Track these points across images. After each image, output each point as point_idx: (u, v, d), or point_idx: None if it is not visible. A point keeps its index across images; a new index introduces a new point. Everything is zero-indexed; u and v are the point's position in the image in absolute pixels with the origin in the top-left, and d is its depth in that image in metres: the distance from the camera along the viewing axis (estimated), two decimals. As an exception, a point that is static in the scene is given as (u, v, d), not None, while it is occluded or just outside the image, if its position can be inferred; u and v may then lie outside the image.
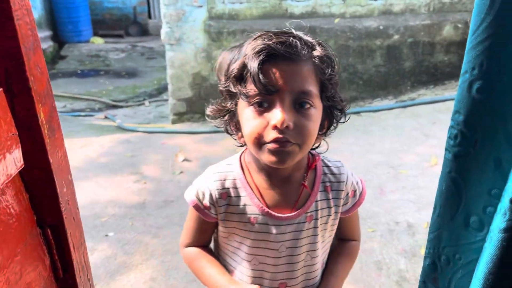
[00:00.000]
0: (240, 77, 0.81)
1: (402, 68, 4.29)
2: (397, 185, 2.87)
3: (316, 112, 0.82)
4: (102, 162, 3.37)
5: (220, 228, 0.96)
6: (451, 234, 0.52)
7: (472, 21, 0.44)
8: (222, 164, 0.96)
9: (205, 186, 0.93)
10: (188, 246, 1.02)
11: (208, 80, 4.02)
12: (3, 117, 0.51)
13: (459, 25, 4.21)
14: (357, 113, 4.02)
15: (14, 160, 0.53)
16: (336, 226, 0.98)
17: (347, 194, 0.95)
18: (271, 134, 0.78)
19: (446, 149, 0.52)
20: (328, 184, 0.93)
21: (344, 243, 1.05)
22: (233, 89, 0.83)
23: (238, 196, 0.91)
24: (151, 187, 2.99)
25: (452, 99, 3.92)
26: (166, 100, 5.04)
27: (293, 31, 0.84)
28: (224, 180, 0.92)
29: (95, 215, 2.69)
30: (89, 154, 3.51)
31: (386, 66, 4.26)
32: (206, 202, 0.92)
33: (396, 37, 4.16)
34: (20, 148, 0.55)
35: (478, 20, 0.42)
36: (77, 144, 3.71)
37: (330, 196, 0.93)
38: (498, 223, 0.44)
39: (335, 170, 0.95)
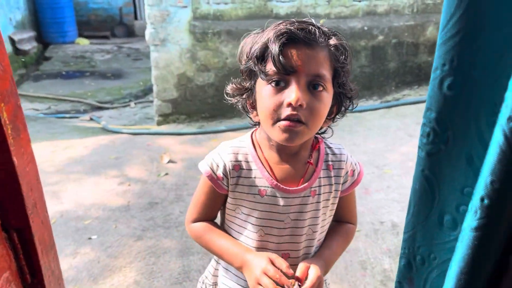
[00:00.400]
0: (261, 57, 0.88)
1: (386, 69, 4.32)
2: (382, 185, 2.88)
3: (327, 96, 0.89)
4: (85, 163, 3.32)
5: (229, 201, 1.01)
6: (425, 234, 0.51)
7: (442, 16, 0.43)
8: (235, 141, 1.03)
9: (219, 158, 0.99)
10: (195, 221, 1.06)
11: (193, 81, 3.99)
12: (-40, 117, 0.49)
13: (443, 26, 4.26)
14: (343, 113, 4.04)
15: (-26, 161, 0.51)
16: (335, 206, 1.05)
17: (347, 172, 1.03)
18: (285, 111, 0.86)
19: (419, 147, 0.52)
20: (330, 163, 1.01)
21: (341, 224, 1.11)
22: (253, 68, 0.90)
23: (250, 169, 0.98)
24: (136, 189, 2.95)
25: (437, 99, 3.97)
26: (152, 101, 5.00)
27: (313, 20, 0.91)
28: (237, 153, 0.99)
29: (78, 217, 2.65)
30: (73, 156, 3.45)
31: (370, 67, 4.28)
32: (220, 173, 0.98)
33: (380, 37, 4.19)
34: (-20, 149, 0.52)
35: (448, 15, 0.41)
36: (61, 146, 3.65)
37: (332, 174, 1.01)
38: (469, 221, 0.43)
39: (336, 151, 1.03)
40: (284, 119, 0.86)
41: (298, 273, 0.92)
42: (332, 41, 0.90)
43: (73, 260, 2.29)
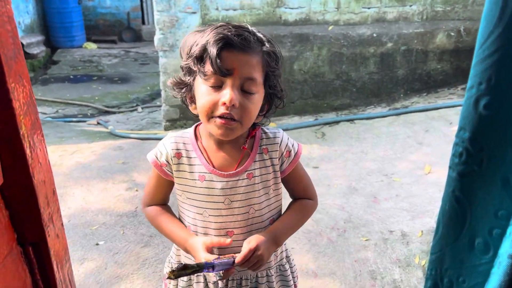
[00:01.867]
0: (200, 58, 0.98)
1: (395, 76, 4.29)
2: (391, 193, 2.85)
3: (258, 97, 1.01)
4: (93, 168, 3.32)
5: (176, 187, 1.13)
6: (454, 256, 0.50)
7: (479, 34, 0.41)
8: (180, 132, 1.16)
9: (163, 147, 1.12)
10: (148, 205, 1.19)
11: (202, 86, 3.99)
12: (-20, 131, 0.48)
13: (452, 34, 4.23)
14: (351, 120, 4.01)
15: (-8, 176, 0.50)
16: (279, 185, 1.15)
17: (282, 154, 1.13)
18: (220, 110, 0.97)
19: (450, 167, 0.50)
20: (264, 146, 1.12)
21: (296, 200, 1.20)
22: (193, 67, 1.00)
23: (189, 157, 1.10)
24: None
25: (445, 107, 3.94)
26: (159, 106, 5.00)
27: (249, 26, 1.02)
28: (179, 143, 1.11)
29: (85, 223, 2.64)
30: (81, 161, 3.45)
31: (379, 74, 4.27)
32: (163, 160, 1.11)
33: (389, 44, 4.17)
34: (-1, 164, 0.51)
35: (486, 32, 0.40)
36: (68, 151, 3.66)
37: (267, 156, 1.11)
38: (507, 247, 0.41)
39: (270, 135, 1.13)
40: (219, 117, 0.98)
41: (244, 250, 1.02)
42: (265, 48, 1.00)
43: (80, 266, 2.28)
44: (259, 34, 1.02)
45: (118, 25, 9.27)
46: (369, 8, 4.20)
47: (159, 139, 3.96)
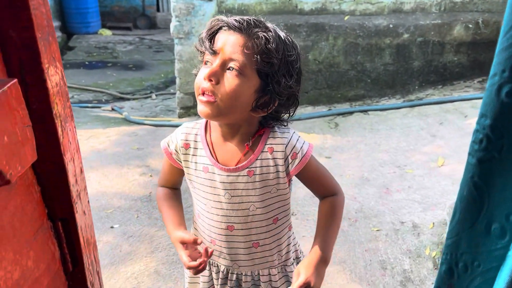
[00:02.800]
0: (202, 39, 1.03)
1: (410, 67, 4.26)
2: (403, 185, 2.85)
3: (243, 80, 0.98)
4: (108, 154, 3.37)
5: (185, 176, 1.17)
6: (470, 241, 0.51)
7: (504, 21, 0.42)
8: (192, 123, 1.18)
9: (174, 137, 1.16)
10: (161, 186, 1.25)
11: (216, 74, 4.01)
12: (17, 109, 0.50)
13: (470, 26, 4.17)
14: (364, 111, 3.99)
15: (28, 152, 0.52)
16: (284, 186, 1.12)
17: (288, 156, 1.10)
18: (202, 85, 0.99)
19: (469, 154, 0.51)
20: (270, 146, 1.09)
21: (324, 202, 1.18)
22: (198, 48, 1.05)
23: (196, 148, 1.13)
24: (157, 180, 2.98)
25: (461, 100, 3.89)
26: (173, 93, 5.03)
27: (260, 17, 1.01)
28: (189, 134, 1.14)
29: (100, 206, 2.70)
30: (96, 146, 3.51)
31: (394, 65, 4.23)
32: (172, 149, 1.15)
33: (405, 36, 4.13)
34: (34, 141, 0.54)
35: (511, 20, 0.40)
36: (84, 136, 3.71)
37: (271, 156, 1.09)
38: (524, 231, 0.43)
39: (278, 135, 1.10)
40: (201, 94, 1.00)
41: (295, 285, 1.02)
42: (261, 33, 0.97)
43: (95, 248, 2.33)
44: (263, 23, 0.99)
45: (133, 12, 9.28)
46: (386, -2, 4.15)
47: (173, 126, 3.99)
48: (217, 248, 1.16)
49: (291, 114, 1.11)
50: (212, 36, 1.00)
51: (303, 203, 2.70)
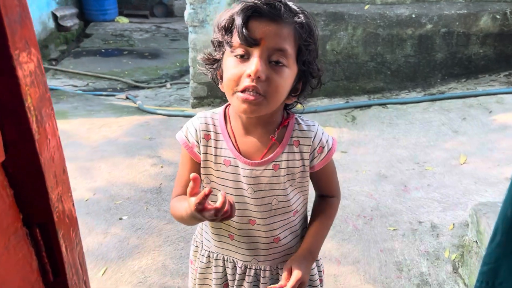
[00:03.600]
0: (228, 28, 0.93)
1: (433, 60, 4.09)
2: (422, 183, 2.73)
3: (288, 72, 0.93)
4: (120, 143, 3.33)
5: (201, 171, 1.07)
6: (512, 269, 0.42)
7: None
8: (209, 111, 1.09)
9: (192, 126, 1.06)
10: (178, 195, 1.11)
11: (231, 64, 3.91)
12: (-22, 101, 0.43)
13: (498, 16, 3.98)
14: (383, 104, 3.86)
15: (-7, 151, 0.45)
16: (307, 179, 1.08)
17: (314, 149, 1.05)
18: (244, 82, 0.90)
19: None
20: (296, 139, 1.04)
21: (322, 201, 1.16)
22: (220, 39, 0.95)
23: (217, 140, 1.04)
24: (168, 172, 2.94)
25: (486, 94, 3.73)
26: (187, 83, 4.97)
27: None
28: (208, 124, 1.05)
29: (110, 197, 2.66)
30: (108, 135, 3.47)
31: (416, 57, 4.07)
32: (193, 140, 1.05)
33: (429, 26, 3.96)
34: (0, 137, 0.47)
35: None
36: (96, 124, 3.68)
37: (298, 150, 1.04)
38: None
39: (304, 128, 1.05)
40: (243, 91, 0.91)
41: (282, 281, 0.99)
42: (298, 19, 0.93)
43: (103, 240, 2.30)
44: (293, 6, 0.95)
45: (151, 0, 9.24)
46: (409, -14, 3.99)
47: (186, 116, 3.93)
48: (235, 243, 1.11)
49: (315, 89, 1.06)
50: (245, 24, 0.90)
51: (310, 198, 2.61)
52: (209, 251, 1.17)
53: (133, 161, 3.06)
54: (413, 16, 3.92)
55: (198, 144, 1.05)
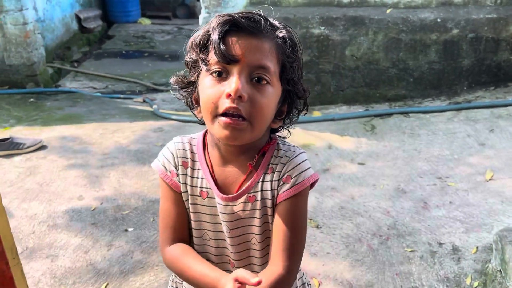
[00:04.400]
0: (203, 45, 0.85)
1: (459, 66, 3.89)
2: (444, 200, 2.57)
3: (272, 91, 0.84)
4: (131, 150, 3.28)
5: (185, 204, 0.96)
6: None
7: None
8: (187, 136, 0.99)
9: (168, 153, 0.97)
10: (171, 243, 0.96)
11: (247, 69, 3.82)
12: None
13: (530, 21, 3.75)
14: (404, 113, 3.69)
15: None
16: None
17: (283, 176, 0.90)
18: (224, 103, 0.80)
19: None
20: (271, 165, 0.92)
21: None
22: (195, 57, 0.86)
23: (194, 169, 0.94)
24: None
25: (516, 105, 3.51)
26: (204, 87, 4.89)
27: (262, 12, 0.86)
28: (186, 150, 0.96)
29: (117, 207, 2.60)
30: (120, 141, 3.43)
31: (441, 63, 3.88)
32: (171, 167, 0.95)
33: (455, 31, 3.77)
34: None
35: None
36: (110, 129, 3.64)
37: (270, 178, 0.91)
38: None
39: (281, 153, 0.92)
40: (224, 114, 0.81)
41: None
42: (280, 33, 0.86)
43: (107, 252, 2.24)
44: (274, 21, 0.87)
45: (173, 1, 9.26)
46: (434, -11, 3.80)
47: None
48: None
49: (301, 113, 0.96)
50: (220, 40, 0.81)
51: (330, 214, 2.49)
52: None
53: (143, 169, 3.00)
54: (438, 20, 3.74)
55: (177, 171, 0.95)
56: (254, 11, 0.85)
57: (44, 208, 2.58)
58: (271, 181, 0.91)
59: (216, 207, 0.93)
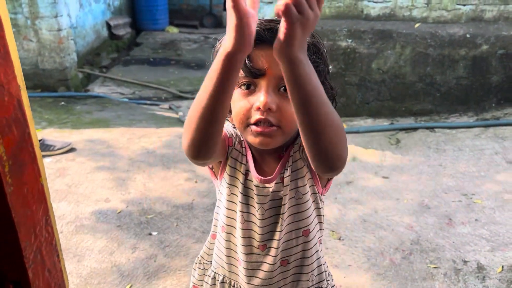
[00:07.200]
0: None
1: (488, 83, 3.84)
2: (469, 217, 2.53)
3: None
4: (157, 155, 3.34)
5: (220, 182, 1.02)
6: None
7: None
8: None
9: (230, 128, 0.99)
10: None
11: (272, 79, 3.86)
12: None
13: None
14: (431, 128, 3.65)
15: None
16: (316, 198, 0.99)
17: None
18: (255, 115, 0.85)
19: None
20: (293, 155, 0.95)
21: None
22: None
23: (241, 153, 0.98)
24: (202, 187, 2.90)
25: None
26: (229, 95, 4.95)
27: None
28: (238, 133, 0.99)
29: (142, 210, 2.65)
30: (146, 146, 3.50)
31: (469, 79, 3.84)
32: (231, 132, 0.98)
33: (484, 47, 3.73)
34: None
35: None
36: (136, 134, 3.72)
37: (299, 156, 0.95)
38: None
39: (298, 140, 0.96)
40: (255, 124, 0.86)
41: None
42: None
43: (131, 255, 2.28)
44: None
45: (200, 10, 9.41)
46: (464, 5, 3.77)
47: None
48: (241, 270, 1.03)
49: None
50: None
51: (353, 227, 2.47)
52: (215, 273, 1.11)
53: (168, 174, 3.05)
54: (468, 36, 3.70)
55: (234, 141, 0.97)
56: (274, 19, 0.84)
57: (72, 209, 2.65)
58: (301, 158, 0.95)
59: (252, 189, 0.97)
